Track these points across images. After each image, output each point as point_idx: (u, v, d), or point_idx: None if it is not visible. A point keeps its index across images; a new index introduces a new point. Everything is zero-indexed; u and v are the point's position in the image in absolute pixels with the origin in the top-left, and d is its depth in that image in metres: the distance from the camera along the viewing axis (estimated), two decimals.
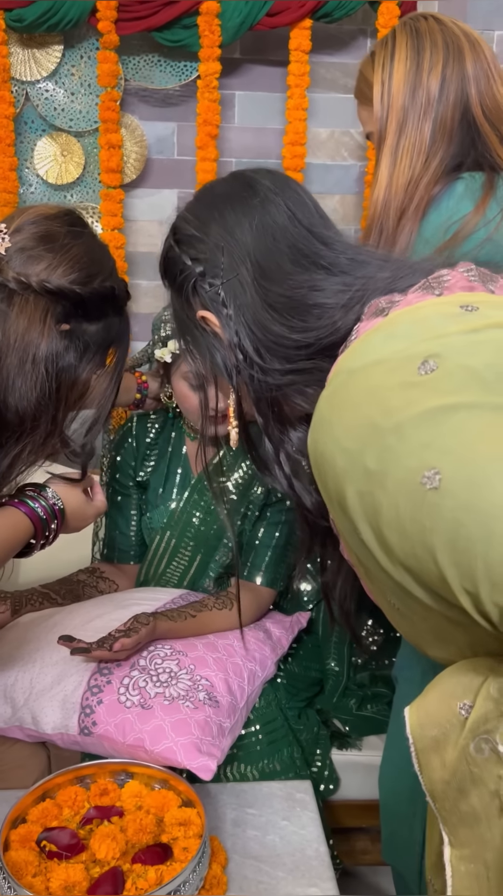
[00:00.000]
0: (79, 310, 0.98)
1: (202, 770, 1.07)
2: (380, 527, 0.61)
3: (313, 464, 0.70)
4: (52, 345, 0.96)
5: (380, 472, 0.59)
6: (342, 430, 0.64)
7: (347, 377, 0.67)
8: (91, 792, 1.07)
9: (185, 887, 0.92)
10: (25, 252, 0.96)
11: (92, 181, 2.06)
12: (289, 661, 1.44)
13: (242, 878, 1.02)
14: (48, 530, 1.07)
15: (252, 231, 0.81)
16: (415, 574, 0.61)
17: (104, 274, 1.02)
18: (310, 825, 1.13)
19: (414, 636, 0.74)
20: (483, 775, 0.62)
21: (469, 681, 0.64)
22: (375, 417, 0.61)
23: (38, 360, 0.95)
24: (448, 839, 0.65)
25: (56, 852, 0.97)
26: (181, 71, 2.00)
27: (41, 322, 0.95)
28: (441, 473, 0.56)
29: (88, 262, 0.99)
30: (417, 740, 0.65)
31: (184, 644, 1.25)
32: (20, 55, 1.95)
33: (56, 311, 0.96)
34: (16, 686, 1.21)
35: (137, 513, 1.53)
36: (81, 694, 1.16)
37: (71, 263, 0.97)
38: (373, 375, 0.64)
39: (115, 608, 1.31)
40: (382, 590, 0.70)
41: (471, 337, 0.63)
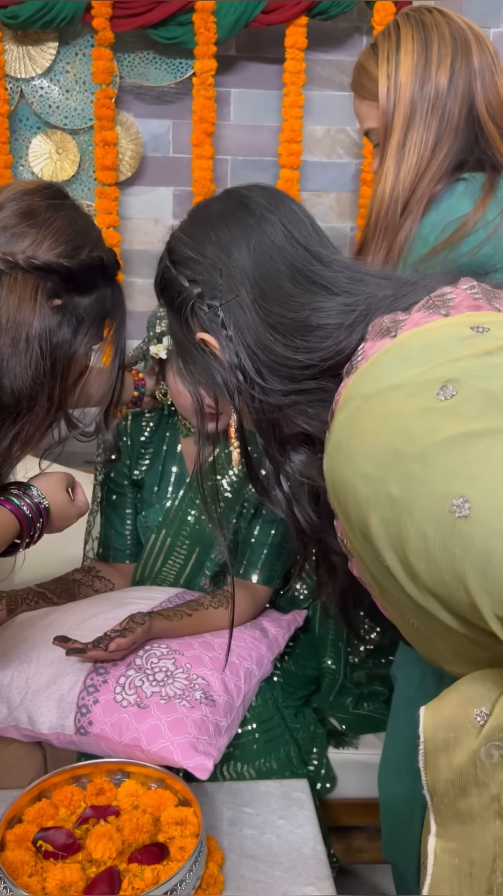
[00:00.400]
0: (69, 283, 0.97)
1: (199, 769, 1.07)
2: (407, 554, 0.60)
3: (331, 491, 0.69)
4: (45, 321, 0.95)
5: (406, 499, 0.59)
6: (362, 457, 0.64)
7: (362, 402, 0.67)
8: (87, 791, 1.07)
9: (181, 887, 0.92)
10: (9, 230, 0.94)
11: (87, 179, 2.06)
12: (285, 659, 1.44)
13: (239, 877, 1.02)
14: (33, 529, 1.06)
15: (250, 252, 0.81)
16: (443, 600, 0.61)
17: (91, 244, 1.00)
18: (306, 824, 1.13)
19: (432, 653, 0.74)
20: (487, 779, 0.62)
21: (488, 690, 0.64)
22: (397, 444, 0.61)
23: (31, 339, 0.94)
24: (436, 829, 0.66)
25: (52, 852, 0.96)
26: (176, 68, 2.00)
27: (32, 300, 0.94)
28: (470, 501, 0.55)
29: (73, 233, 0.97)
30: (428, 741, 0.66)
31: (180, 643, 1.25)
32: (15, 52, 1.95)
33: (46, 287, 0.95)
34: (11, 686, 1.20)
35: (133, 511, 1.53)
36: (77, 693, 1.15)
37: (56, 237, 0.96)
38: (391, 401, 0.64)
39: (110, 607, 1.31)
40: (401, 611, 0.70)
41: (486, 360, 0.63)
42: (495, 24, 2.08)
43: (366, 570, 0.71)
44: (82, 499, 1.15)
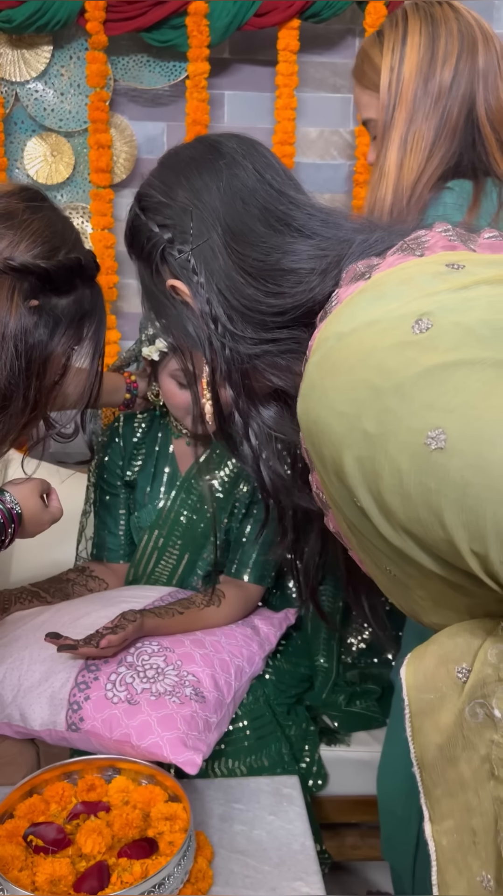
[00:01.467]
0: (46, 284, 0.97)
1: (188, 764, 1.08)
2: (382, 492, 0.59)
3: (305, 435, 0.68)
4: (21, 322, 0.95)
5: (381, 435, 0.58)
6: (336, 395, 0.62)
7: (337, 341, 0.65)
8: (78, 787, 1.08)
9: (169, 880, 0.93)
10: None
11: (82, 181, 2.07)
12: (277, 657, 1.45)
13: (229, 872, 1.03)
14: (4, 534, 1.08)
15: (220, 193, 0.79)
16: (419, 538, 0.59)
17: (68, 245, 1.00)
18: (296, 820, 1.14)
19: (409, 604, 0.72)
20: (475, 740, 0.62)
21: (467, 644, 0.63)
22: (372, 379, 0.59)
23: (6, 338, 0.94)
24: (428, 815, 0.65)
25: (42, 847, 0.98)
26: (170, 71, 2.01)
27: (8, 300, 0.94)
28: (446, 433, 0.54)
29: (50, 235, 0.98)
30: (413, 703, 0.65)
31: (171, 640, 1.26)
32: (9, 56, 1.95)
33: (23, 288, 0.95)
34: (4, 683, 1.21)
35: (126, 512, 1.54)
36: (69, 690, 1.16)
37: (32, 238, 0.96)
38: (366, 337, 0.63)
39: (103, 606, 1.32)
40: (377, 559, 0.69)
41: (461, 294, 0.62)
42: (494, 26, 2.08)
43: (342, 519, 0.70)
44: (56, 505, 1.16)
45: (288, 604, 1.54)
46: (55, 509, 1.16)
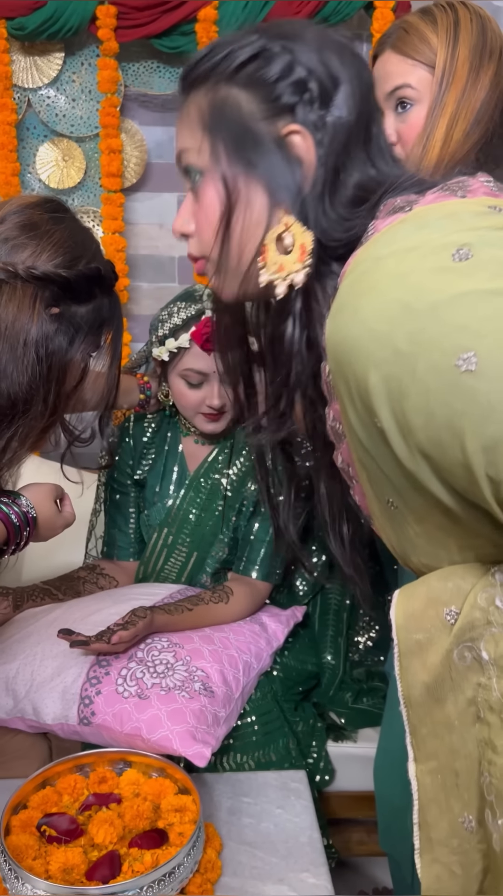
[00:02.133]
0: (67, 293, 1.00)
1: (197, 757, 1.10)
2: (405, 412, 0.60)
3: (332, 354, 0.67)
4: (42, 329, 0.98)
5: (412, 353, 0.58)
6: (369, 312, 0.62)
7: (373, 263, 0.65)
8: (90, 780, 1.10)
9: (179, 870, 0.95)
10: (10, 241, 0.97)
11: (93, 185, 2.10)
12: (285, 654, 1.47)
13: (237, 863, 1.05)
14: (20, 537, 1.10)
15: (359, 83, 0.78)
16: (435, 462, 0.60)
17: (88, 256, 1.03)
18: (303, 813, 1.15)
19: (401, 542, 0.73)
20: (462, 683, 0.63)
21: (457, 587, 0.64)
22: (407, 299, 0.59)
23: (28, 345, 0.97)
24: (413, 755, 0.67)
25: (55, 837, 1.00)
26: None
27: (30, 308, 0.97)
28: (478, 356, 0.55)
29: (72, 245, 1.01)
30: (402, 642, 0.66)
31: (180, 637, 1.28)
32: (22, 63, 1.99)
33: (44, 296, 0.98)
34: (17, 678, 1.24)
35: (136, 511, 1.56)
36: (81, 685, 1.19)
37: (55, 248, 0.99)
38: (404, 261, 0.62)
39: (113, 603, 1.34)
40: (382, 490, 0.70)
41: (501, 233, 0.62)
42: None
43: (356, 446, 0.70)
44: (69, 510, 1.19)
45: (295, 601, 1.56)
46: (68, 514, 1.19)
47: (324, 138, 0.76)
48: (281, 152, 0.77)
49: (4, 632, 1.36)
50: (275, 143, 0.77)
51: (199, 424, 1.45)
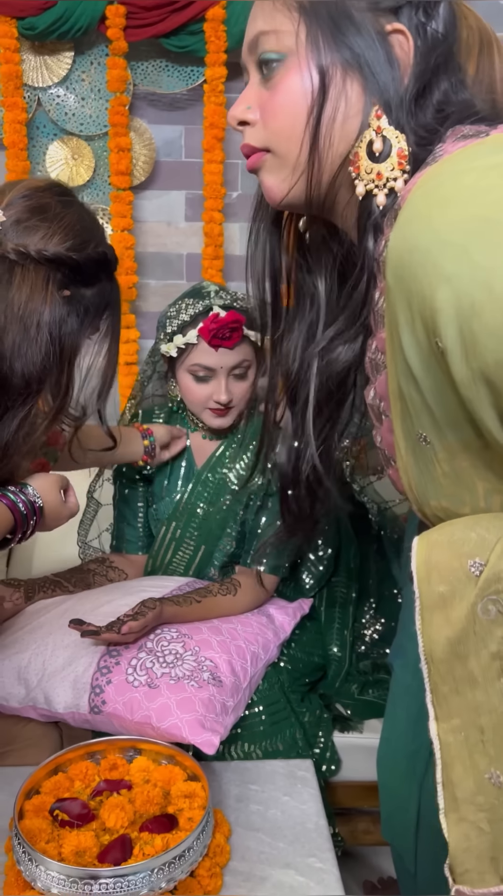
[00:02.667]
0: (76, 276, 1.02)
1: (205, 745, 1.12)
2: (474, 331, 0.57)
3: (394, 267, 0.63)
4: (55, 311, 1.00)
5: (490, 269, 0.55)
6: (444, 224, 0.58)
7: (451, 178, 0.61)
8: (101, 767, 1.12)
9: (189, 853, 0.97)
10: (21, 224, 0.99)
11: (102, 183, 2.12)
12: (292, 646, 1.49)
13: (245, 848, 1.07)
14: (27, 525, 1.11)
15: (449, 2, 0.76)
16: (497, 387, 0.57)
17: (96, 240, 1.05)
18: (310, 801, 1.18)
19: (422, 483, 0.70)
20: (486, 637, 0.61)
21: (481, 538, 0.62)
22: (489, 213, 0.56)
23: (41, 326, 0.99)
24: (434, 713, 0.65)
25: (68, 821, 1.02)
26: (188, 75, 2.05)
27: (43, 289, 0.99)
28: None
29: (81, 229, 1.03)
30: (423, 596, 0.64)
31: (189, 628, 1.30)
32: (32, 62, 2.01)
33: (56, 279, 1.00)
34: (29, 668, 1.26)
35: (144, 505, 1.58)
36: (91, 674, 1.21)
37: (65, 231, 1.01)
38: (486, 177, 0.59)
39: (123, 595, 1.37)
40: (416, 424, 0.67)
41: None
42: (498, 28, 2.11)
43: (402, 373, 0.67)
44: (73, 501, 1.20)
45: (301, 594, 1.58)
46: (73, 504, 1.20)
47: (422, 46, 0.73)
48: (384, 49, 0.73)
49: (16, 623, 1.38)
50: (379, 37, 0.73)
51: (207, 419, 1.48)
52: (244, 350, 1.43)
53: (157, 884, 0.93)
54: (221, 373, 1.42)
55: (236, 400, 1.45)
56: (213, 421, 1.47)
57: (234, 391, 1.44)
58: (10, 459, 1.09)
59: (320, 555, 1.60)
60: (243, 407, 1.49)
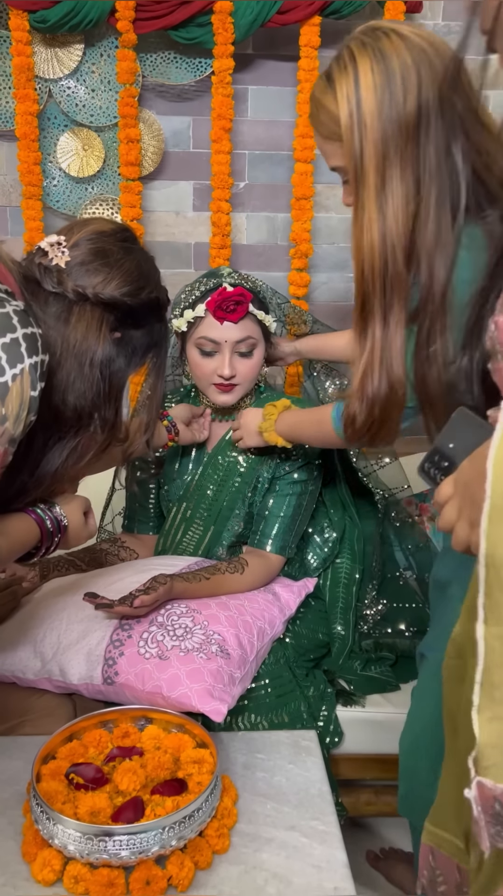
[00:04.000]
0: (128, 318, 1.08)
1: (214, 713, 1.17)
2: None
3: None
4: (107, 350, 1.06)
5: None
6: None
7: None
8: (114, 734, 1.17)
9: (198, 814, 1.02)
10: (84, 266, 1.05)
11: (112, 174, 2.15)
12: (297, 623, 1.54)
13: (251, 812, 1.12)
14: (51, 542, 1.18)
15: None
16: None
17: (151, 286, 1.11)
18: (314, 768, 1.22)
19: None
20: None
21: None
22: None
23: (94, 364, 1.05)
24: (484, 615, 0.66)
25: (83, 784, 1.07)
26: (196, 67, 2.08)
27: (97, 329, 1.05)
28: None
29: (138, 276, 1.08)
30: (496, 496, 0.63)
31: (198, 603, 1.35)
32: (43, 54, 2.04)
33: (109, 320, 1.06)
34: (44, 641, 1.31)
35: (156, 486, 1.63)
36: (105, 647, 1.26)
37: (123, 277, 1.06)
38: None
39: (134, 573, 1.42)
40: None
41: None
42: None
43: None
44: (93, 523, 1.27)
45: (307, 574, 1.63)
46: (92, 527, 1.27)
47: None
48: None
49: (32, 599, 1.43)
50: None
51: (213, 396, 1.52)
52: (249, 326, 1.47)
53: (168, 841, 0.98)
54: (226, 347, 1.46)
55: (240, 377, 1.50)
56: (218, 397, 1.52)
57: (239, 368, 1.49)
58: (55, 485, 1.16)
59: (326, 537, 1.65)
60: (249, 387, 1.53)
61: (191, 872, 0.99)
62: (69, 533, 1.20)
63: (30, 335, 0.92)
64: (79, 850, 0.97)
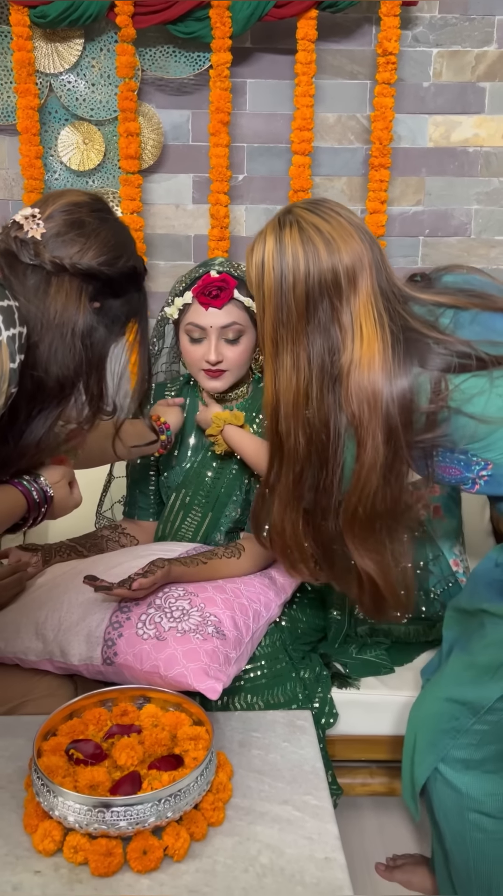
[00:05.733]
0: (107, 288, 1.09)
1: (209, 691, 1.21)
2: None
3: None
4: (87, 320, 1.07)
5: None
6: None
7: None
8: (113, 713, 1.21)
9: (193, 787, 1.05)
10: (60, 237, 1.06)
11: (112, 167, 2.18)
12: (293, 607, 1.57)
13: (246, 787, 1.15)
14: (38, 512, 1.19)
15: None
16: None
17: (128, 254, 1.13)
18: (308, 747, 1.25)
19: None
20: None
21: None
22: None
23: (75, 334, 1.06)
24: None
25: (82, 759, 1.10)
26: (195, 61, 2.11)
27: (77, 300, 1.06)
28: None
29: (115, 245, 1.10)
30: None
31: (195, 587, 1.38)
32: (44, 49, 2.07)
33: (88, 290, 1.07)
34: (46, 624, 1.35)
35: (156, 473, 1.67)
36: (104, 629, 1.30)
37: (99, 247, 1.08)
38: None
39: (133, 558, 1.45)
40: None
41: None
42: (501, 11, 2.15)
43: None
44: (78, 493, 1.28)
45: None
46: (77, 496, 1.28)
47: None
48: None
49: (34, 583, 1.47)
50: None
51: (203, 382, 1.55)
52: (234, 312, 1.50)
53: (164, 813, 1.01)
54: (212, 333, 1.50)
55: (228, 363, 1.52)
56: (207, 383, 1.55)
57: (226, 354, 1.52)
58: (40, 455, 1.17)
59: None
60: (239, 373, 1.56)
61: (186, 843, 1.02)
62: (55, 503, 1.21)
63: (6, 308, 0.93)
64: (78, 822, 1.00)
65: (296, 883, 0.98)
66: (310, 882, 0.98)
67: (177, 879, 0.98)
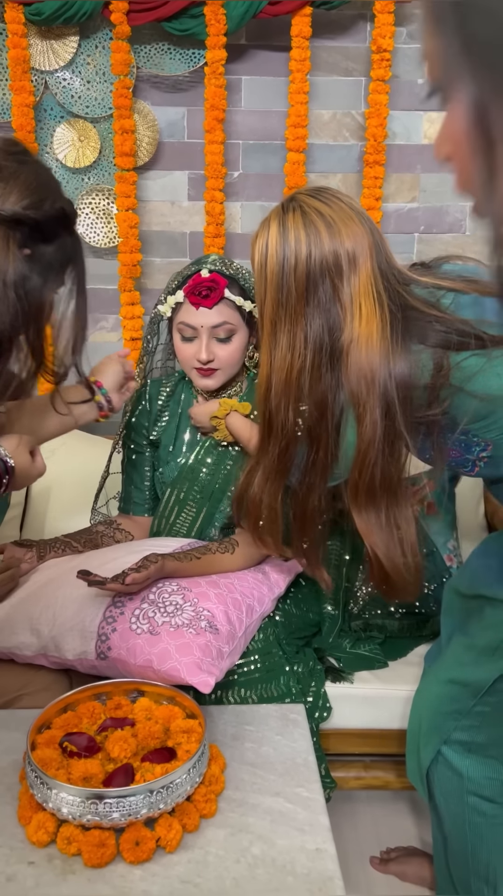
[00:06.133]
0: (36, 233, 1.04)
1: (202, 685, 1.22)
2: None
3: None
4: (18, 269, 1.02)
5: None
6: None
7: None
8: (107, 706, 1.22)
9: (185, 779, 1.06)
10: None
11: (107, 164, 2.18)
12: (288, 602, 1.58)
13: (239, 779, 1.16)
14: (0, 483, 1.16)
15: None
16: None
17: (53, 196, 1.07)
18: (300, 740, 1.26)
19: None
20: None
21: None
22: None
23: (7, 285, 1.01)
24: None
25: (76, 752, 1.12)
26: (190, 58, 2.11)
27: (5, 248, 1.01)
28: None
29: (37, 186, 1.05)
30: None
31: (188, 581, 1.39)
32: (39, 46, 2.07)
33: (16, 237, 1.02)
34: (41, 619, 1.36)
35: (151, 469, 1.67)
36: (98, 623, 1.31)
37: (21, 190, 1.02)
38: None
39: (128, 553, 1.46)
40: None
41: None
42: None
43: None
44: (40, 461, 1.24)
45: None
46: (40, 465, 1.24)
47: None
48: None
49: (29, 579, 1.48)
50: None
51: (195, 380, 1.56)
52: (225, 312, 1.51)
53: (156, 805, 1.02)
54: (203, 332, 1.50)
55: (219, 362, 1.53)
56: (199, 381, 1.56)
57: (217, 353, 1.52)
58: None
59: None
60: (231, 371, 1.57)
61: (178, 834, 1.03)
62: (18, 472, 1.17)
63: None
64: (71, 813, 1.01)
65: (288, 873, 0.99)
66: (301, 872, 0.99)
67: (169, 870, 0.99)
